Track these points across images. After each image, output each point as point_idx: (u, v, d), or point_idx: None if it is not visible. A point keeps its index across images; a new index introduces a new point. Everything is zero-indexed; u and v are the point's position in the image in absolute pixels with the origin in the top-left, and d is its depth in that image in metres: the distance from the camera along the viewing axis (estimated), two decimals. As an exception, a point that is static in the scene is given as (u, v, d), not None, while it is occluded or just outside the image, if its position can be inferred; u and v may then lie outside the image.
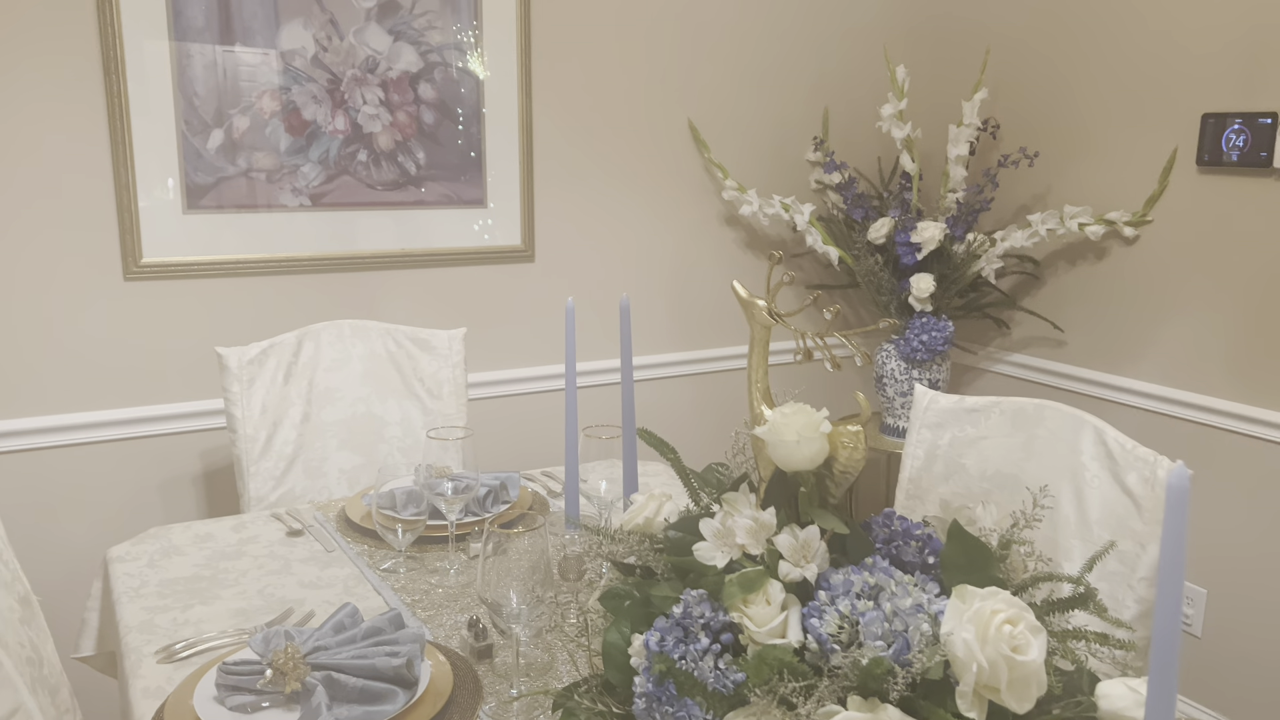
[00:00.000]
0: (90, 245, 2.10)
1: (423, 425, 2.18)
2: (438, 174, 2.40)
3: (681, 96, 2.68)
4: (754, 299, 1.10)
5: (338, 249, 2.33)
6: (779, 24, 2.77)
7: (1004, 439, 1.73)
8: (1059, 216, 2.57)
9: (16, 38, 1.97)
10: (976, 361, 2.97)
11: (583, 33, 2.52)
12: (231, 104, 2.16)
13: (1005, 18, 2.79)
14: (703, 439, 2.89)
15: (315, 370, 2.10)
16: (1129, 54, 2.48)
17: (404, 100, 2.33)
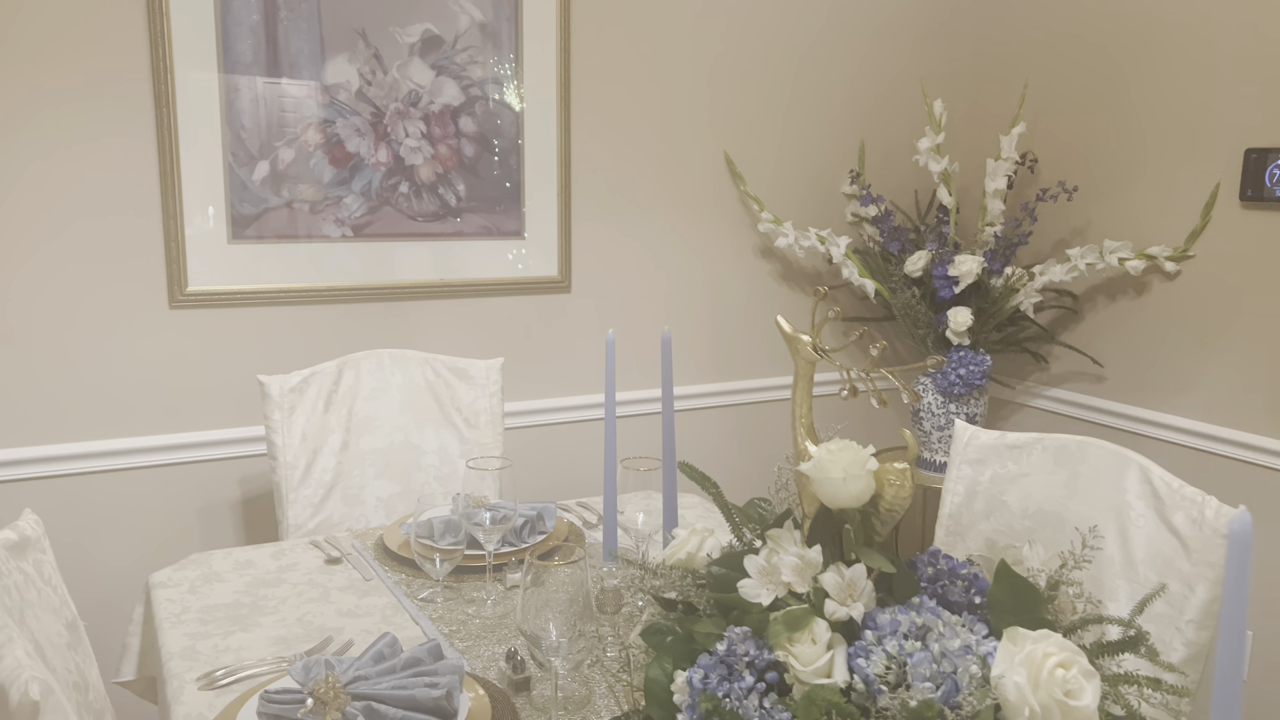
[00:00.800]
0: (137, 273, 2.14)
1: (459, 454, 2.19)
2: (477, 205, 2.42)
3: (717, 129, 2.70)
4: (798, 334, 1.10)
5: (378, 279, 2.35)
6: (815, 58, 2.79)
7: (1046, 476, 1.71)
8: (1098, 251, 2.55)
9: (71, 71, 2.03)
10: (1014, 396, 2.95)
11: (620, 67, 2.55)
12: (277, 136, 2.21)
13: (1043, 51, 2.79)
14: (737, 470, 2.88)
15: (355, 399, 2.12)
16: (1170, 88, 2.47)
17: (445, 133, 2.36)
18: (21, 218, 2.03)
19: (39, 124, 2.02)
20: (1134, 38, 2.55)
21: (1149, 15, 2.51)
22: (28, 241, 2.05)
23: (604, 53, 2.52)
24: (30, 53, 1.99)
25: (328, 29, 2.21)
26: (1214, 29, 2.37)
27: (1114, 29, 2.59)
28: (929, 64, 2.94)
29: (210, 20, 2.10)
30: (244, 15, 2.13)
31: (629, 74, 2.56)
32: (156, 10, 2.05)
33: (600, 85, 2.53)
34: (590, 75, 2.51)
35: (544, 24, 2.42)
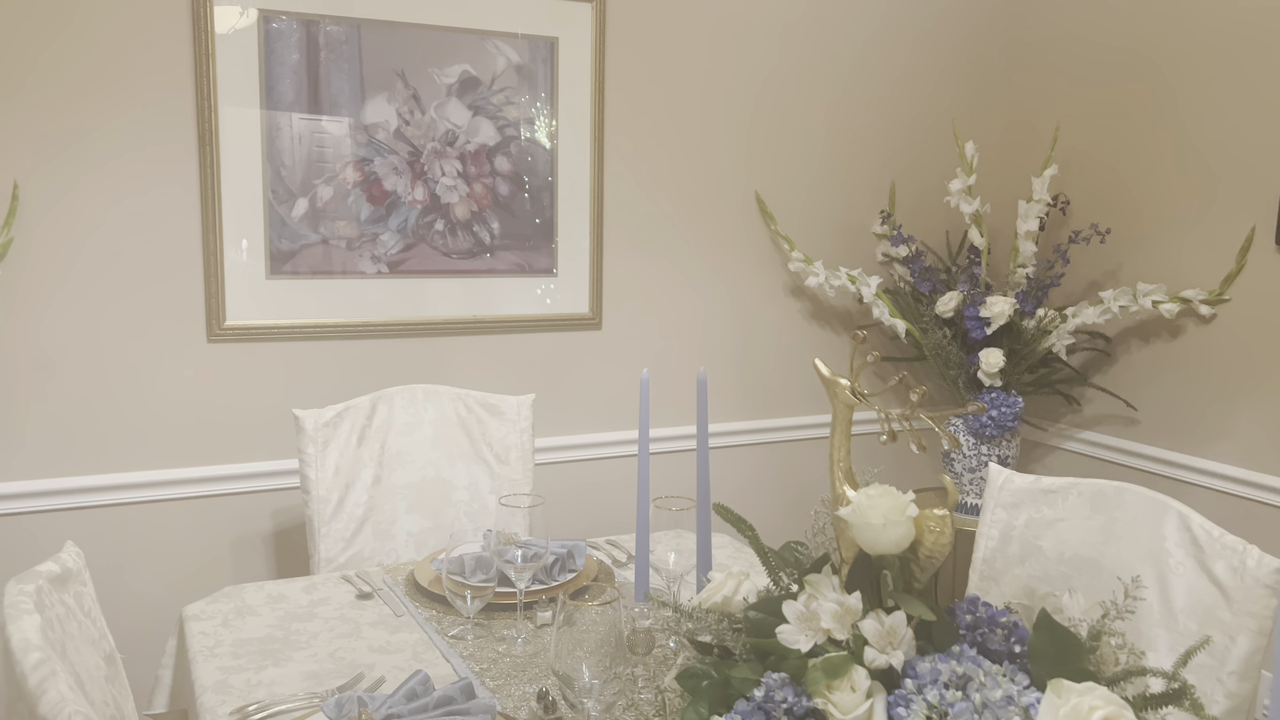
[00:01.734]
0: (177, 308, 2.18)
1: (490, 490, 2.20)
2: (510, 243, 2.45)
3: (749, 169, 2.72)
4: (837, 378, 1.10)
5: (412, 314, 2.38)
6: (846, 98, 2.81)
7: (1082, 521, 1.70)
8: (1132, 294, 2.54)
9: (118, 111, 2.08)
10: (1046, 438, 2.92)
11: (653, 107, 2.58)
12: (317, 174, 2.24)
13: (1075, 94, 2.79)
14: (766, 508, 2.87)
15: (388, 433, 2.13)
16: (1203, 132, 2.47)
17: (481, 172, 2.39)
18: (65, 251, 2.08)
19: (84, 160, 2.06)
20: (1166, 82, 2.55)
21: (1182, 59, 2.51)
22: (70, 275, 2.09)
23: (637, 93, 2.55)
24: (79, 93, 2.04)
25: (368, 70, 2.25)
26: (1247, 74, 2.37)
27: (1146, 72, 2.60)
28: (960, 105, 2.96)
29: (254, 60, 2.15)
30: (286, 56, 2.18)
31: (661, 114, 2.59)
32: (203, 51, 2.10)
33: (633, 125, 2.56)
34: (623, 115, 2.54)
35: (579, 66, 2.45)
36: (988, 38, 2.97)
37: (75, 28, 2.02)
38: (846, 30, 2.78)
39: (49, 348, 2.09)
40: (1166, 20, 2.54)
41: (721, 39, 2.63)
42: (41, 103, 2.01)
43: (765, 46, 2.68)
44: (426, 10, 2.28)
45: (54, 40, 2.01)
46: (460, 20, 2.32)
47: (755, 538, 1.17)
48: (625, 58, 2.52)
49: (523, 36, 2.39)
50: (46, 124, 2.02)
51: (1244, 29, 2.37)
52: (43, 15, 1.99)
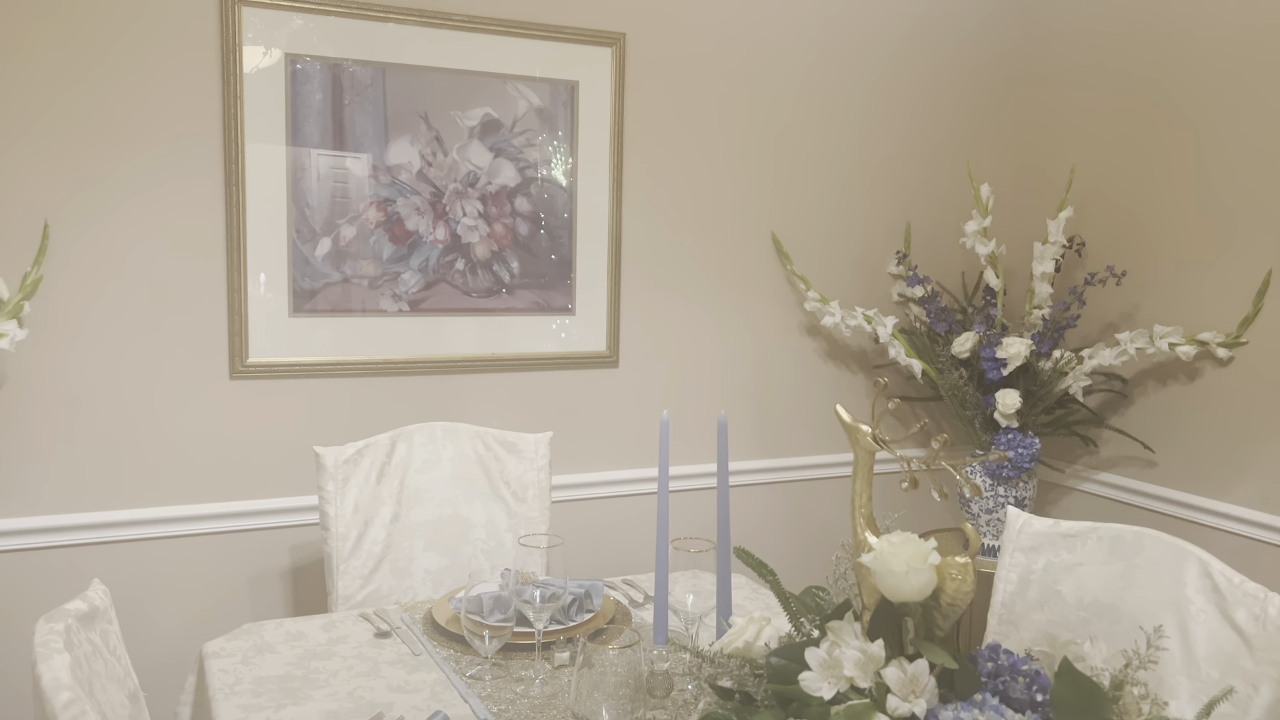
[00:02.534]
0: (201, 345, 2.20)
1: (507, 527, 2.21)
2: (529, 282, 2.47)
3: (765, 209, 2.74)
4: (858, 424, 1.11)
5: (432, 352, 2.40)
6: (862, 140, 2.84)
7: (1102, 566, 1.69)
8: (1149, 336, 2.54)
9: (146, 151, 2.12)
10: (1063, 479, 2.91)
11: (671, 149, 2.61)
12: (340, 214, 2.28)
13: (1090, 136, 2.81)
14: (782, 547, 2.86)
15: (407, 471, 2.15)
16: (1219, 175, 2.48)
17: (501, 212, 2.43)
18: (92, 289, 2.11)
19: (113, 199, 2.10)
20: (1182, 125, 2.57)
21: (1197, 102, 2.53)
22: (97, 311, 2.12)
23: (655, 135, 2.59)
24: (109, 134, 2.08)
25: (391, 112, 2.29)
26: (1262, 118, 2.38)
27: (1161, 116, 2.62)
28: (976, 147, 2.98)
29: (280, 102, 2.20)
30: (312, 99, 2.22)
31: (679, 155, 2.62)
32: (231, 94, 2.15)
33: (651, 166, 2.59)
34: (641, 156, 2.57)
35: (598, 108, 2.49)
36: (1002, 81, 3.00)
37: (105, 69, 2.07)
38: (861, 72, 2.81)
39: (75, 383, 2.12)
40: (1182, 65, 2.57)
41: (738, 82, 2.67)
42: (72, 143, 2.06)
43: (781, 89, 2.72)
44: (450, 55, 2.33)
45: (86, 82, 2.06)
46: (483, 65, 2.36)
47: (776, 582, 1.17)
48: (644, 100, 2.56)
49: (544, 80, 2.43)
50: (77, 164, 2.07)
51: (1260, 74, 2.39)
52: (75, 57, 2.04)
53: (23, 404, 2.09)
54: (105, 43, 2.06)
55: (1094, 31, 2.80)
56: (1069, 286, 2.73)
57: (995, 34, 2.97)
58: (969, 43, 2.94)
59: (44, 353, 2.09)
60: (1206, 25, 2.50)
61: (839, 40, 2.77)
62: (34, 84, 2.02)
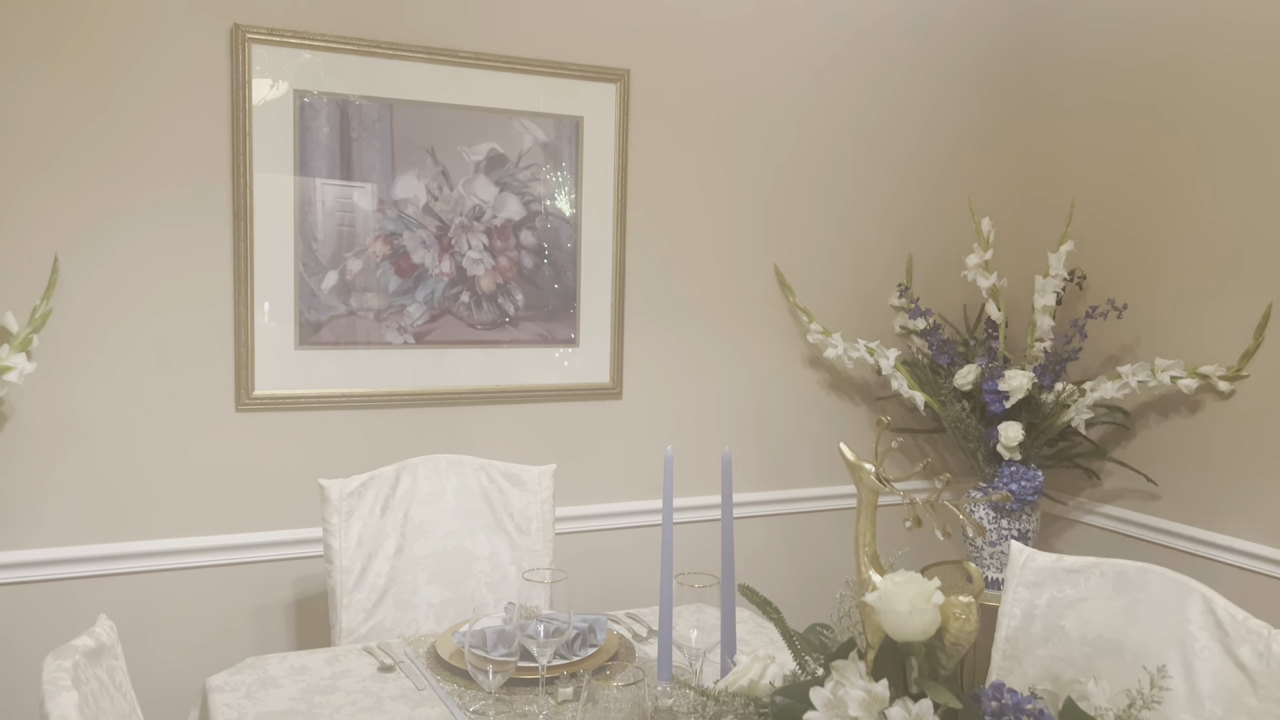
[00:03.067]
0: (207, 377, 2.22)
1: (510, 560, 2.21)
2: (533, 314, 2.49)
3: (768, 242, 2.76)
4: (861, 463, 1.12)
5: (436, 384, 2.41)
6: (864, 174, 2.86)
7: (1105, 602, 1.69)
8: (1150, 369, 2.55)
9: (155, 184, 2.14)
10: (1067, 512, 2.91)
11: (674, 182, 2.64)
12: (347, 248, 2.30)
13: (1090, 171, 2.84)
14: (785, 580, 2.86)
15: (411, 503, 2.16)
16: (1219, 209, 2.50)
17: (506, 246, 2.45)
18: (100, 321, 2.13)
19: (122, 232, 2.13)
20: (1180, 159, 2.59)
21: (1196, 137, 2.56)
22: (104, 344, 2.14)
23: (658, 169, 2.61)
24: (118, 167, 2.11)
25: (398, 147, 2.32)
26: (1262, 151, 2.41)
27: (1160, 149, 2.64)
28: (976, 180, 3.01)
29: (289, 138, 2.22)
30: (320, 133, 2.25)
31: (682, 188, 2.65)
32: (240, 130, 2.18)
33: (654, 199, 2.62)
34: (645, 190, 2.60)
35: (603, 143, 2.52)
36: (1001, 114, 3.03)
37: (115, 104, 2.10)
38: (863, 107, 2.84)
39: (82, 415, 2.13)
40: (1182, 97, 2.60)
41: (740, 117, 2.69)
42: (83, 176, 2.08)
43: (783, 123, 2.75)
44: (457, 91, 2.36)
45: (96, 117, 2.08)
46: (489, 101, 2.39)
47: (781, 620, 1.18)
48: (648, 134, 2.59)
49: (549, 116, 2.46)
50: (87, 197, 2.09)
51: (1260, 108, 2.42)
52: (86, 92, 2.07)
53: (30, 436, 2.10)
54: (115, 78, 2.09)
55: (1093, 63, 2.83)
56: (1070, 319, 2.75)
57: (994, 67, 3.00)
58: (969, 75, 2.97)
59: (52, 385, 2.10)
60: (1206, 58, 2.53)
61: (840, 74, 2.80)
62: (45, 118, 2.05)
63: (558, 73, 2.45)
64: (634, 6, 2.54)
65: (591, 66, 2.49)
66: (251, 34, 2.17)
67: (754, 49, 2.69)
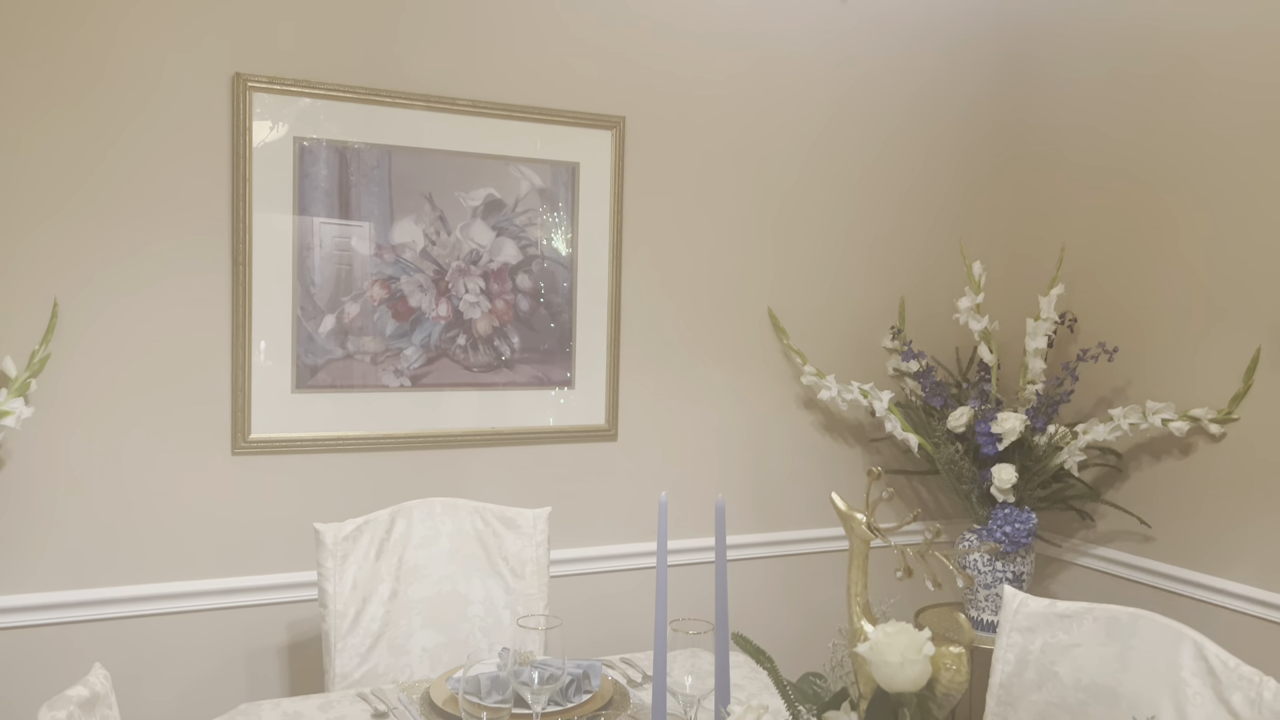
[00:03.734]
0: (204, 421, 2.23)
1: (505, 604, 2.21)
2: (529, 356, 2.51)
3: (762, 285, 2.79)
4: (853, 513, 1.14)
5: (432, 427, 2.43)
6: (856, 218, 2.90)
7: (1098, 648, 1.70)
8: (1141, 411, 2.57)
9: (155, 229, 2.17)
10: (1061, 554, 2.92)
11: (669, 227, 2.67)
12: (344, 291, 2.32)
13: (1080, 215, 2.88)
14: (781, 623, 2.85)
15: (405, 547, 2.16)
16: (1206, 255, 2.54)
17: (503, 289, 2.47)
18: (98, 365, 2.14)
19: (122, 276, 2.15)
20: (1168, 202, 2.63)
21: (1183, 181, 2.59)
22: (102, 388, 2.15)
23: (653, 213, 2.65)
24: (118, 212, 2.13)
25: (396, 193, 2.35)
26: (1248, 195, 2.44)
27: (1148, 192, 2.68)
28: (968, 225, 3.04)
29: (288, 184, 2.25)
30: (319, 178, 2.28)
31: (677, 232, 2.68)
32: (240, 177, 2.20)
33: (649, 243, 2.65)
34: (640, 234, 2.63)
35: (598, 188, 2.55)
36: (993, 163, 3.07)
37: (116, 150, 2.13)
38: (855, 152, 2.88)
39: (78, 460, 2.14)
40: (1166, 145, 2.64)
41: (735, 163, 2.73)
42: (83, 222, 2.11)
43: (777, 167, 2.79)
44: (455, 138, 2.39)
45: (97, 163, 2.11)
46: (487, 147, 2.43)
47: (774, 670, 1.18)
48: (642, 179, 2.62)
49: (545, 162, 2.49)
50: (88, 242, 2.11)
51: (1244, 151, 2.46)
52: (87, 137, 2.10)
53: (27, 481, 2.10)
54: (117, 124, 2.12)
55: (1082, 112, 2.88)
56: (1062, 362, 2.77)
57: (986, 117, 3.05)
58: (961, 124, 3.02)
59: (49, 430, 2.11)
60: (1192, 115, 2.58)
61: (834, 121, 2.85)
62: (47, 164, 2.08)
63: (554, 120, 2.49)
64: (629, 55, 2.59)
65: (587, 114, 2.53)
66: (253, 82, 2.20)
67: (749, 96, 2.74)
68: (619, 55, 2.57)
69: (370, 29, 2.32)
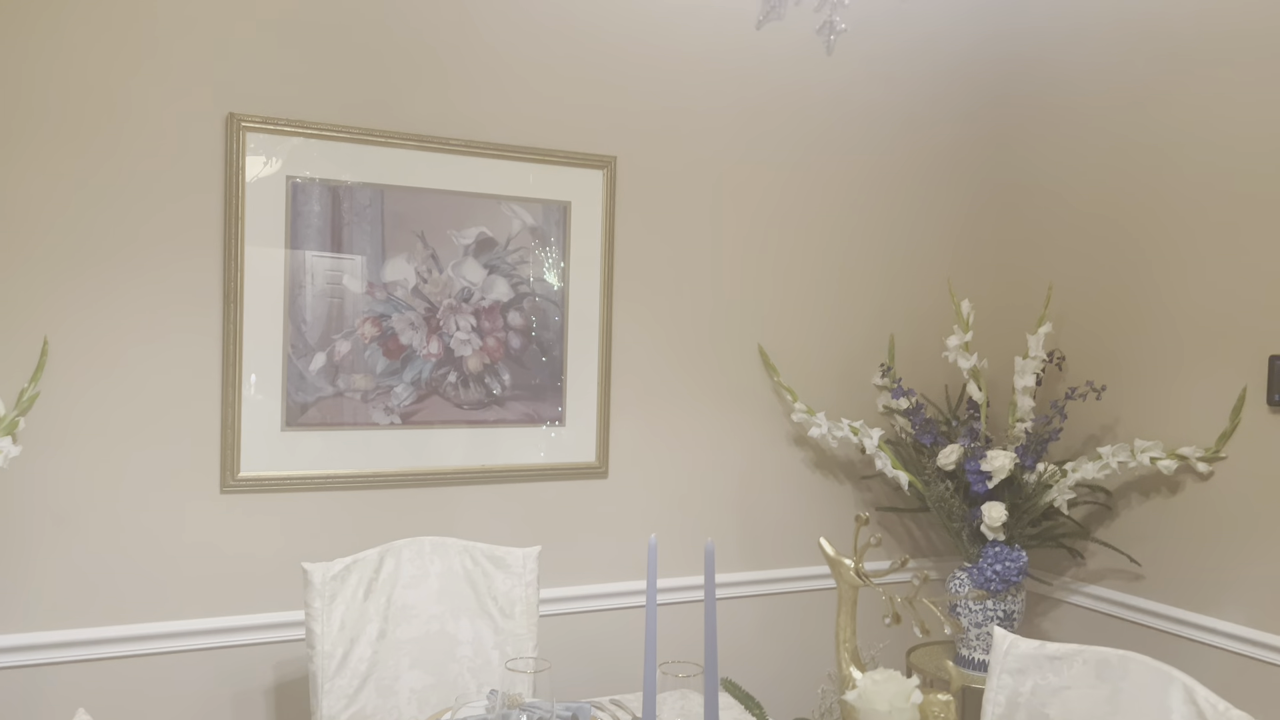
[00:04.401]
0: (192, 460, 2.22)
1: (493, 644, 2.20)
2: (520, 394, 2.51)
3: (752, 322, 2.81)
4: (841, 559, 1.14)
5: (423, 464, 2.42)
6: (846, 256, 2.92)
7: (1088, 690, 1.69)
8: (1130, 450, 2.58)
9: (146, 268, 2.17)
10: (1051, 591, 2.91)
11: (660, 266, 2.68)
12: (335, 329, 2.33)
13: (1065, 255, 2.90)
14: (770, 662, 2.84)
15: (394, 587, 2.15)
16: (1191, 296, 2.56)
17: (494, 327, 2.48)
18: (87, 403, 2.14)
19: (112, 316, 2.15)
20: (1156, 244, 2.66)
21: (1171, 223, 2.62)
22: (91, 427, 2.14)
23: (644, 254, 2.66)
24: (110, 250, 2.14)
25: (388, 231, 2.36)
26: (1235, 238, 2.47)
27: (1132, 234, 2.71)
28: (956, 264, 3.07)
29: (280, 222, 2.26)
30: (311, 217, 2.29)
31: (667, 272, 2.69)
32: (233, 215, 2.22)
33: (640, 283, 2.66)
34: (631, 274, 2.64)
35: (590, 227, 2.57)
36: (979, 199, 3.10)
37: (110, 188, 2.14)
38: (842, 191, 2.91)
39: (65, 499, 2.12)
40: (1148, 188, 2.67)
41: (724, 202, 2.76)
42: (75, 259, 2.11)
43: (765, 209, 2.81)
44: (448, 178, 2.41)
45: (91, 201, 2.12)
46: (479, 187, 2.45)
47: (762, 716, 1.18)
48: (633, 219, 2.64)
49: (537, 201, 2.51)
50: (78, 281, 2.12)
51: (1227, 195, 2.49)
52: (80, 174, 2.11)
53: (12, 520, 2.09)
54: (111, 163, 2.13)
55: (1068, 154, 2.91)
56: (1051, 400, 2.78)
57: (973, 159, 3.09)
58: (948, 166, 3.05)
59: (36, 468, 2.10)
60: (1175, 157, 2.61)
61: (821, 160, 2.88)
62: (40, 202, 2.08)
63: (545, 159, 2.51)
64: (619, 96, 2.61)
65: (579, 154, 2.55)
66: (246, 123, 2.22)
67: (737, 135, 2.77)
68: (609, 96, 2.60)
69: (364, 70, 2.34)
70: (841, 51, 2.89)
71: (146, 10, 2.15)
